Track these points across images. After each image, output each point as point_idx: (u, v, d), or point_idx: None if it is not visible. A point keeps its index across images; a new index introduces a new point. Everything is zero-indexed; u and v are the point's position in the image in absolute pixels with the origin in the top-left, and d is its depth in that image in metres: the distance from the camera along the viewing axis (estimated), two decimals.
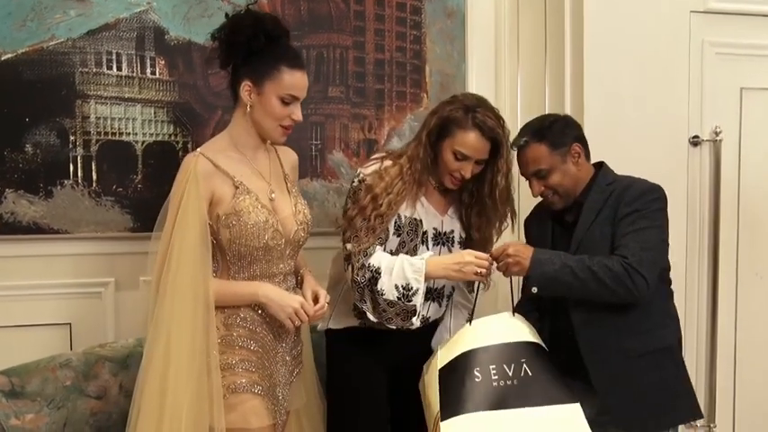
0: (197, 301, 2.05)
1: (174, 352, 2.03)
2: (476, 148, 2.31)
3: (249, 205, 2.11)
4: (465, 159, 2.32)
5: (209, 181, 2.09)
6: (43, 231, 2.78)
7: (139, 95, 2.87)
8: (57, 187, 2.79)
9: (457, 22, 3.23)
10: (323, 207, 3.11)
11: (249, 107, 2.13)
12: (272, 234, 2.14)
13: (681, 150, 2.90)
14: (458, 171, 2.33)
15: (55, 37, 2.75)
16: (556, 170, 2.27)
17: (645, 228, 2.18)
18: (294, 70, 2.12)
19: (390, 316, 2.31)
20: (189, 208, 2.05)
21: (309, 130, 3.07)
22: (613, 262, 2.14)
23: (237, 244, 2.11)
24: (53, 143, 2.78)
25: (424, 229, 2.40)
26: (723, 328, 2.99)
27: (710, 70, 2.87)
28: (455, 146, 2.31)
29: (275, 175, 2.27)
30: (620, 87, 2.77)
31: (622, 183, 2.29)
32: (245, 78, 2.12)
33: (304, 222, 2.25)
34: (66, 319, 2.85)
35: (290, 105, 2.14)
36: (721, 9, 2.86)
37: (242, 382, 2.11)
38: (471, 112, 2.30)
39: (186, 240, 2.04)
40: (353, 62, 3.10)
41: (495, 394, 2.09)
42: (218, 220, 2.11)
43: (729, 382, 3.03)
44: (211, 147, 2.18)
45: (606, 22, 2.78)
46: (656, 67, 2.82)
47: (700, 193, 2.93)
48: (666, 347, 2.26)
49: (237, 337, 2.14)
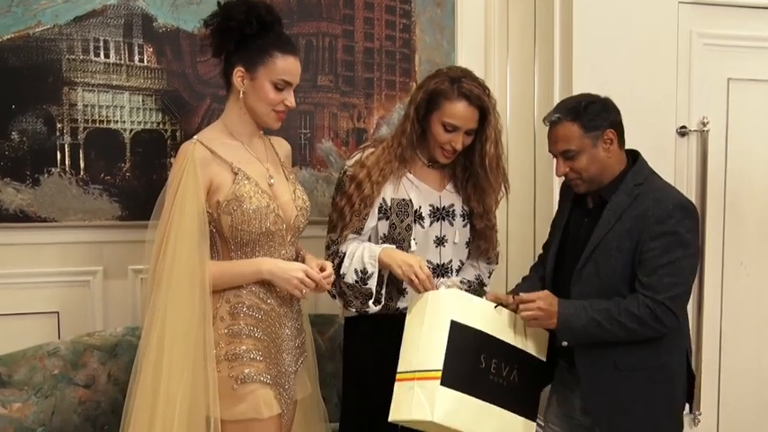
0: (193, 290, 2.04)
1: (168, 341, 2.02)
2: (464, 118, 2.33)
3: (250, 191, 2.10)
4: (455, 130, 2.33)
5: (207, 168, 2.09)
6: (30, 219, 2.77)
7: (127, 83, 2.85)
8: (44, 175, 2.78)
9: (447, 11, 3.22)
10: (312, 196, 3.01)
11: (242, 93, 2.13)
12: (274, 219, 2.13)
13: (668, 140, 2.91)
14: (448, 143, 2.35)
15: (41, 23, 2.73)
16: (584, 153, 2.17)
17: (679, 258, 2.08)
18: (287, 56, 2.13)
19: (350, 299, 2.39)
20: (187, 196, 2.04)
21: (298, 118, 3.06)
22: (639, 306, 2.07)
23: (239, 230, 2.10)
24: (40, 131, 2.76)
25: (414, 207, 2.41)
26: (708, 316, 3.02)
27: (698, 61, 2.88)
28: (444, 117, 2.33)
29: (272, 162, 2.27)
30: (609, 77, 2.76)
31: (652, 189, 2.17)
32: (237, 65, 2.12)
33: (303, 208, 2.26)
34: (53, 307, 2.85)
35: (283, 91, 2.14)
36: (710, 0, 2.87)
37: (250, 371, 2.10)
38: (457, 83, 2.32)
39: (183, 228, 2.03)
40: (343, 51, 3.09)
41: (488, 386, 2.15)
42: (218, 207, 2.10)
43: (714, 369, 3.06)
44: (207, 134, 2.18)
45: (595, 12, 2.79)
46: (645, 57, 2.83)
47: (687, 183, 2.94)
48: (661, 365, 2.19)
49: (244, 327, 2.12)
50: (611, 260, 2.14)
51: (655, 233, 2.08)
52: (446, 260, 2.48)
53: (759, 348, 3.12)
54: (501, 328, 2.21)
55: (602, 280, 2.17)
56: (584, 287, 2.21)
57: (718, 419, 3.10)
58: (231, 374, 2.08)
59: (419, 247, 2.41)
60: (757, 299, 3.10)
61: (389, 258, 2.30)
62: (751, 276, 3.09)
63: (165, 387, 2.00)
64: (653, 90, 2.86)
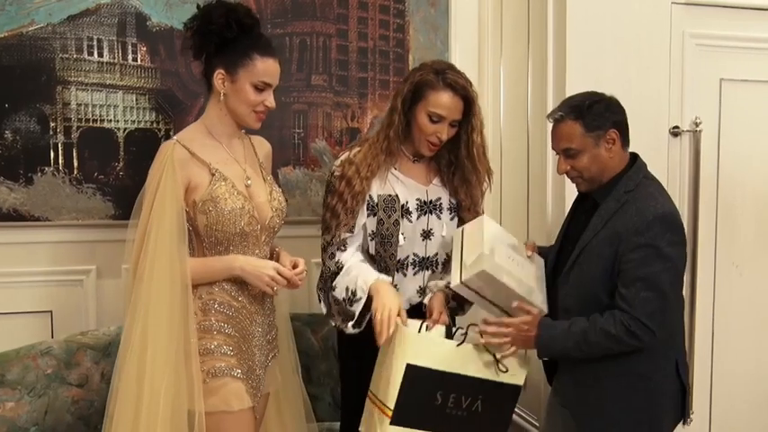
0: (174, 287, 2.08)
1: (151, 336, 2.05)
2: (450, 108, 2.35)
3: (225, 192, 2.14)
4: (440, 121, 2.35)
5: (186, 168, 2.13)
6: (24, 218, 2.78)
7: (121, 82, 2.86)
8: (37, 174, 2.79)
9: (440, 11, 3.24)
10: (305, 195, 3.12)
11: (223, 95, 2.16)
12: (248, 220, 2.17)
13: (661, 140, 2.89)
14: (434, 134, 2.37)
15: (35, 22, 2.75)
16: (586, 153, 2.16)
17: (658, 272, 2.06)
18: (266, 57, 2.16)
19: (334, 312, 2.42)
20: (166, 195, 2.08)
21: (292, 118, 3.07)
22: (616, 325, 2.07)
23: (214, 230, 2.15)
24: (33, 130, 2.77)
25: (401, 202, 2.42)
26: (701, 317, 3.02)
27: (691, 61, 2.87)
28: (429, 107, 2.35)
29: (250, 163, 2.30)
30: (602, 77, 2.75)
31: (639, 197, 2.15)
32: (218, 67, 2.16)
33: (279, 209, 2.29)
34: (47, 306, 2.85)
35: (263, 92, 2.17)
36: (702, 1, 2.86)
37: (221, 365, 2.15)
38: (441, 74, 2.35)
39: (163, 227, 2.07)
40: (336, 50, 3.10)
41: (443, 419, 2.24)
42: (194, 207, 2.14)
43: (707, 370, 3.06)
44: (187, 134, 2.21)
45: (588, 12, 2.77)
46: (638, 57, 2.82)
47: (680, 183, 2.93)
48: (641, 374, 2.16)
49: (215, 322, 2.17)
50: (592, 266, 2.16)
51: (633, 244, 2.08)
52: (431, 253, 2.49)
53: (752, 350, 3.12)
54: (464, 362, 2.24)
55: (584, 285, 2.18)
56: (568, 290, 2.24)
57: (710, 421, 3.10)
58: (203, 368, 2.12)
59: (407, 241, 2.42)
60: (750, 300, 3.10)
61: (376, 293, 2.29)
62: (744, 277, 3.08)
63: (149, 381, 2.04)
64: (646, 90, 2.85)
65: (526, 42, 3.01)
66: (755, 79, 2.99)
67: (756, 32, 2.96)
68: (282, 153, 3.07)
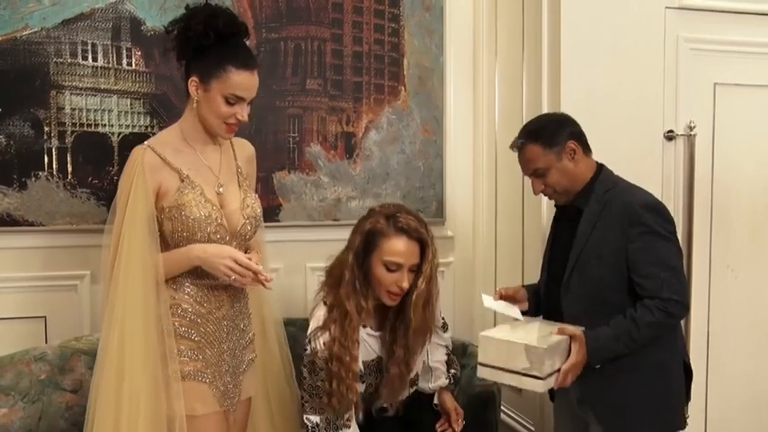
0: (148, 288, 2.07)
1: (128, 339, 2.05)
2: (406, 253, 2.24)
3: (192, 200, 2.13)
4: (398, 269, 2.24)
5: (157, 174, 2.12)
6: (17, 223, 2.77)
7: (115, 86, 2.86)
8: (31, 179, 2.78)
9: (435, 15, 3.24)
10: (300, 200, 3.12)
11: (195, 102, 2.14)
12: (215, 228, 2.15)
13: (656, 145, 2.90)
14: (394, 284, 2.24)
15: (29, 26, 2.74)
16: (552, 168, 2.27)
17: (662, 248, 2.18)
18: (241, 70, 2.11)
19: None
20: (138, 199, 2.08)
21: (287, 122, 3.07)
22: (654, 313, 2.14)
23: (179, 237, 2.14)
24: (27, 134, 2.77)
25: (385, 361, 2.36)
26: (696, 320, 3.01)
27: (685, 66, 2.87)
28: (384, 256, 2.24)
29: (226, 169, 2.26)
30: (597, 81, 2.76)
31: (620, 191, 2.26)
32: (193, 74, 2.13)
33: (252, 216, 2.25)
34: (41, 312, 2.84)
35: (234, 105, 2.13)
36: (696, 5, 2.86)
37: (188, 369, 2.14)
38: (392, 219, 2.26)
39: (135, 232, 2.08)
40: (331, 54, 3.11)
41: None
42: (162, 212, 2.13)
43: (702, 373, 3.06)
44: (160, 140, 2.20)
45: (583, 16, 2.77)
46: (632, 61, 2.82)
47: (674, 187, 2.93)
48: (657, 363, 2.23)
49: (179, 327, 2.15)
50: (593, 269, 2.22)
51: (632, 235, 2.18)
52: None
53: (747, 352, 3.12)
54: None
55: (588, 289, 2.23)
56: (572, 298, 2.27)
57: (706, 423, 3.10)
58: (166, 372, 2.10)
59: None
60: (745, 302, 3.09)
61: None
62: (738, 280, 3.09)
63: (129, 385, 2.05)
64: (640, 94, 2.85)
65: (521, 46, 3.01)
66: (749, 83, 2.99)
67: (750, 37, 2.96)
68: (277, 157, 3.06)
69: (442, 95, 3.29)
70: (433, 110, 3.27)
